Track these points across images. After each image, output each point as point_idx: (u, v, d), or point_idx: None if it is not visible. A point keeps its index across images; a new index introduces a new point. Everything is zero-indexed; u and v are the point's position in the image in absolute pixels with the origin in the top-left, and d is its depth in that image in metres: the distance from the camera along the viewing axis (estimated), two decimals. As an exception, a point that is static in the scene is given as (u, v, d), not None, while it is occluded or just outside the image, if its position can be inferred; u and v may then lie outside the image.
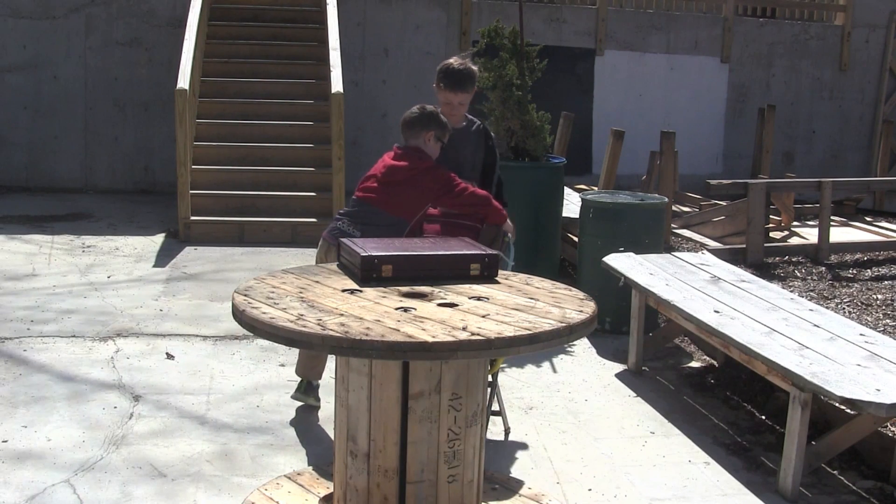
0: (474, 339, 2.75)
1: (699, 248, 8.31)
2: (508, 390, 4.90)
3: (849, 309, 6.67)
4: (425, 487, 3.07)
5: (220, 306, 6.24)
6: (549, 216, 6.89)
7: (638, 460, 4.21)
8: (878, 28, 13.38)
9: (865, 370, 3.85)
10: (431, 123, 4.16)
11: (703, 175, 11.32)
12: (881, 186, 10.63)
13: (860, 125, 13.49)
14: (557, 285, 3.53)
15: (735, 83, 12.92)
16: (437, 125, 4.17)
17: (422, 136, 4.15)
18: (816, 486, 4.01)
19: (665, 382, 5.29)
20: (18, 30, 10.83)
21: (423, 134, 4.15)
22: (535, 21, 11.70)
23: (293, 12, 11.26)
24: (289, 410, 4.58)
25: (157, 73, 10.93)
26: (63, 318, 5.90)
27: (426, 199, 4.13)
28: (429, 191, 4.11)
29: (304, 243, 8.37)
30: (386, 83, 11.53)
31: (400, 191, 4.10)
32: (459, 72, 4.34)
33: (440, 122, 4.19)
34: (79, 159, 11.07)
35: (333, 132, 8.68)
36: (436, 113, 4.20)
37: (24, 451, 4.01)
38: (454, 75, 4.34)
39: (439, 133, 4.18)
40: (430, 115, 4.17)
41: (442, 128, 4.18)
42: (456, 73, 4.34)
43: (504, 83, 6.72)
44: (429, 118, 4.17)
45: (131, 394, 4.71)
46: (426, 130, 4.15)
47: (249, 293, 3.18)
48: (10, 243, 7.90)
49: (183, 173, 8.49)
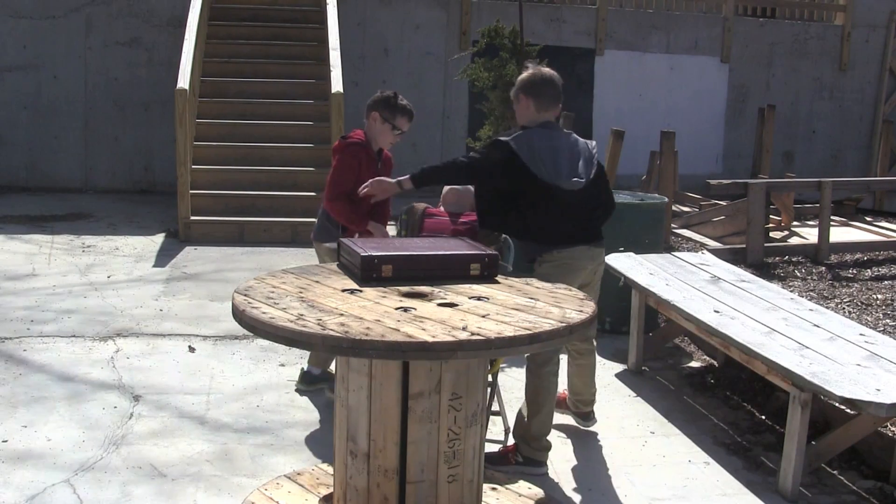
0: (474, 339, 2.75)
1: (699, 248, 8.31)
2: (508, 390, 4.90)
3: (849, 309, 6.67)
4: (425, 487, 3.07)
5: (220, 306, 6.24)
6: (549, 216, 6.87)
7: (638, 460, 4.21)
8: (878, 28, 13.39)
9: (865, 370, 3.85)
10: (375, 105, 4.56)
11: (703, 175, 11.32)
12: (881, 186, 10.63)
13: (860, 125, 13.49)
14: (557, 285, 3.53)
15: (735, 83, 12.92)
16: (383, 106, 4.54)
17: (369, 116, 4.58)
18: (816, 486, 4.01)
19: (665, 382, 5.29)
20: (18, 30, 10.84)
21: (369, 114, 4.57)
22: (535, 21, 11.71)
23: (293, 12, 11.26)
24: (289, 410, 4.58)
25: (157, 73, 10.93)
26: (63, 317, 5.91)
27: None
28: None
29: (304, 243, 8.35)
30: (386, 83, 11.52)
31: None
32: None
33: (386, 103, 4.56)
34: (79, 159, 11.07)
35: (333, 132, 8.68)
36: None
37: (24, 451, 4.01)
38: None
39: (385, 115, 4.53)
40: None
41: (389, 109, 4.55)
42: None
43: (504, 83, 6.72)
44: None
45: (131, 394, 4.71)
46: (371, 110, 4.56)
47: (249, 293, 3.17)
48: (10, 243, 7.90)
49: (183, 173, 8.50)
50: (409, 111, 4.59)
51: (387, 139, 4.61)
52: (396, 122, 4.55)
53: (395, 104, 4.54)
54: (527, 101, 4.09)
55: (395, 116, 4.55)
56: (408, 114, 4.59)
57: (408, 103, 4.61)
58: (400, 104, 4.55)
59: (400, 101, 4.56)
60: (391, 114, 4.55)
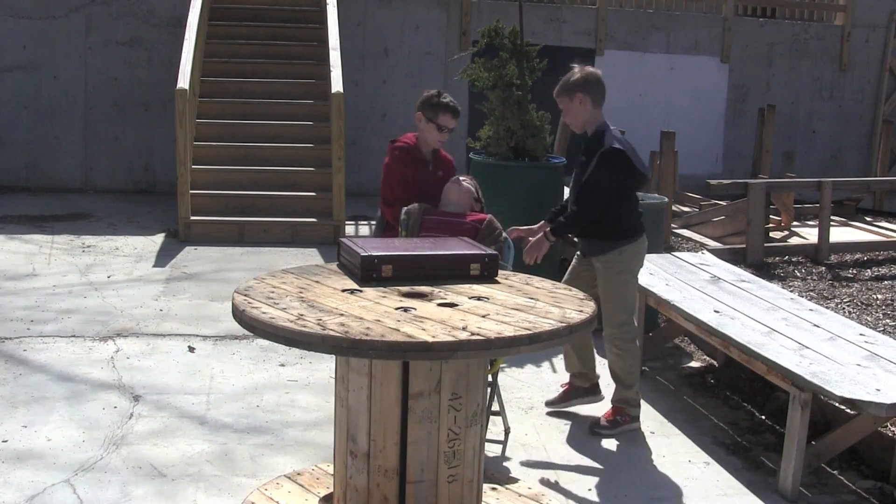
0: (474, 339, 2.75)
1: (699, 248, 8.31)
2: (508, 390, 4.90)
3: (849, 309, 6.67)
4: (425, 487, 3.07)
5: (220, 306, 6.24)
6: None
7: (638, 460, 4.21)
8: (878, 28, 13.38)
9: (865, 370, 3.85)
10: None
11: (703, 175, 11.32)
12: (881, 186, 10.63)
13: (860, 125, 13.48)
14: (557, 285, 3.53)
15: (735, 83, 12.92)
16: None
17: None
18: (816, 486, 4.01)
19: (665, 382, 5.29)
20: (18, 30, 10.83)
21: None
22: (535, 21, 11.70)
23: (293, 12, 11.25)
24: (289, 410, 4.58)
25: (157, 73, 10.92)
26: (63, 317, 5.90)
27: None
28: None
29: (304, 243, 8.37)
30: (386, 83, 11.52)
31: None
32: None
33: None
34: (79, 159, 11.06)
35: (333, 132, 8.68)
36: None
37: (24, 451, 4.01)
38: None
39: (428, 114, 4.53)
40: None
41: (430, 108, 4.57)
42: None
43: (504, 83, 6.71)
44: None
45: (131, 394, 4.71)
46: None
47: (249, 293, 3.17)
48: (10, 243, 7.90)
49: (183, 173, 8.49)
50: (451, 108, 4.55)
51: (434, 138, 4.61)
52: (439, 121, 4.55)
53: (436, 102, 4.53)
54: (584, 99, 4.32)
55: (437, 114, 4.54)
56: (450, 110, 4.55)
57: (451, 100, 4.57)
58: (441, 102, 4.53)
59: (442, 99, 4.54)
60: (433, 112, 4.55)
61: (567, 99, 4.34)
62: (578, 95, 4.30)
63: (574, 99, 4.32)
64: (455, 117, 4.60)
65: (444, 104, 4.55)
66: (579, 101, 4.31)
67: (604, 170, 4.22)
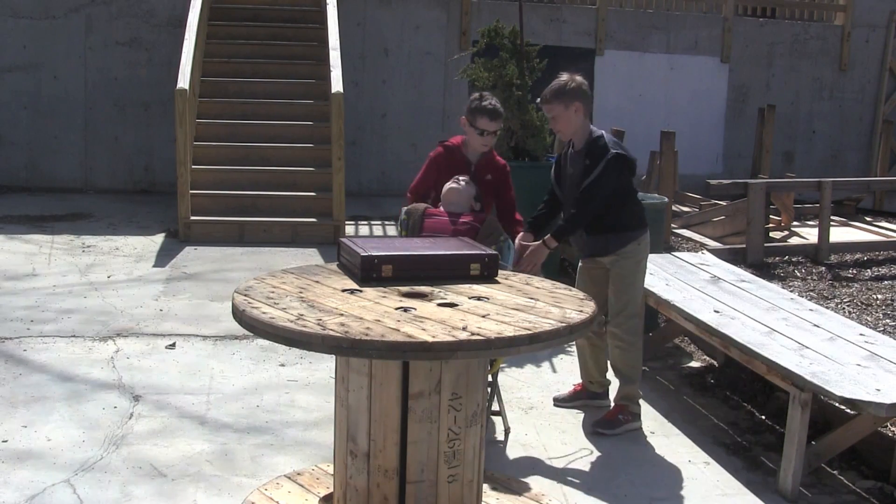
0: (474, 339, 2.75)
1: (699, 248, 8.31)
2: (508, 390, 4.90)
3: (849, 309, 6.67)
4: (425, 487, 3.07)
5: (220, 306, 6.24)
6: (549, 216, 6.88)
7: (638, 460, 4.21)
8: (878, 28, 13.38)
9: (865, 370, 3.85)
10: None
11: (703, 175, 11.32)
12: (881, 186, 10.63)
13: (860, 125, 13.49)
14: (557, 285, 3.53)
15: (735, 83, 12.92)
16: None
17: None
18: (816, 486, 4.01)
19: (665, 382, 5.29)
20: (18, 30, 10.83)
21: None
22: (535, 21, 11.70)
23: (293, 12, 11.26)
24: (289, 410, 4.58)
25: (157, 73, 10.92)
26: (63, 317, 5.90)
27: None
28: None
29: (304, 243, 8.37)
30: (386, 83, 11.52)
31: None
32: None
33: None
34: (79, 159, 11.06)
35: (333, 132, 8.68)
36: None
37: (24, 451, 4.01)
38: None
39: (469, 118, 4.57)
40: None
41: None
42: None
43: (504, 83, 6.72)
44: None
45: (131, 394, 4.71)
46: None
47: (249, 293, 3.17)
48: (10, 243, 7.90)
49: (183, 173, 8.49)
50: (489, 110, 4.52)
51: (477, 142, 4.60)
52: (478, 124, 4.54)
53: (475, 106, 4.52)
54: (580, 107, 4.32)
55: (476, 118, 4.53)
56: (488, 113, 4.52)
57: (490, 103, 4.53)
58: (480, 105, 4.51)
59: (481, 103, 4.52)
60: (472, 116, 4.54)
61: (562, 107, 4.28)
62: (575, 104, 4.28)
63: (570, 107, 4.28)
64: (493, 119, 4.54)
65: (482, 107, 4.51)
66: (575, 109, 4.29)
67: (612, 174, 4.24)
